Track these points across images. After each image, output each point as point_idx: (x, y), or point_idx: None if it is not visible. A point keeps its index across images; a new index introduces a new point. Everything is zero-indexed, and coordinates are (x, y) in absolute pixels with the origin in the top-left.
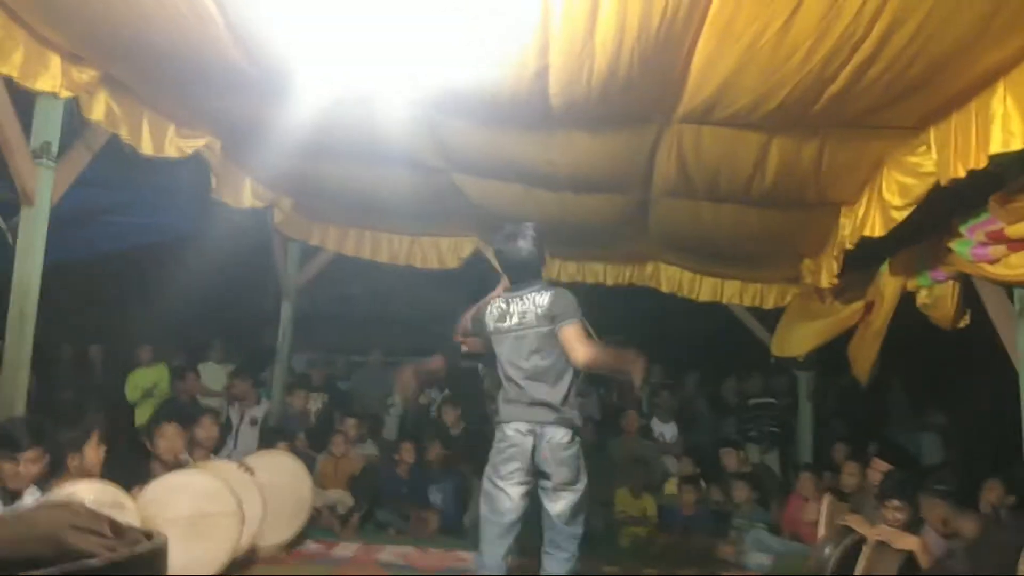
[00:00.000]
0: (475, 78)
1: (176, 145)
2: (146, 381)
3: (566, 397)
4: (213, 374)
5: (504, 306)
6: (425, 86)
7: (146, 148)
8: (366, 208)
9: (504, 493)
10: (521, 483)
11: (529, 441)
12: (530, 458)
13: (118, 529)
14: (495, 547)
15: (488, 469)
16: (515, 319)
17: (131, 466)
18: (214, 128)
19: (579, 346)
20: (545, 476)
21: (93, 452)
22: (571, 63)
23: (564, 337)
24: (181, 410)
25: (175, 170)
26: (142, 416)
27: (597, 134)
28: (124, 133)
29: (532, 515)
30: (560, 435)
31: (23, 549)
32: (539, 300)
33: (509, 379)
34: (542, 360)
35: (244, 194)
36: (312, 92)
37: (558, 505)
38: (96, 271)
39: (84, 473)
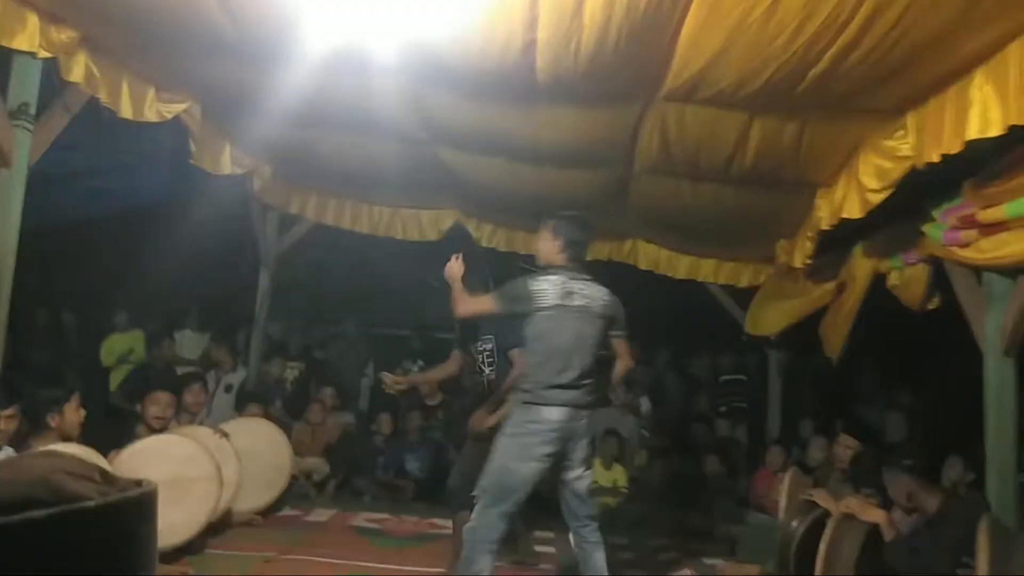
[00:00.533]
0: (462, 50)
1: (156, 109)
2: (122, 346)
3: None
4: (190, 341)
5: (567, 285)
6: (411, 56)
7: (125, 111)
8: (347, 177)
9: (529, 473)
10: (548, 464)
11: (572, 426)
12: (567, 441)
13: (108, 477)
14: (500, 523)
15: (510, 446)
16: (582, 301)
17: (107, 430)
18: (195, 92)
19: (627, 359)
20: (569, 457)
21: (73, 414)
22: (558, 38)
23: (618, 345)
24: (173, 378)
25: (154, 135)
26: (116, 381)
27: (582, 110)
28: (103, 96)
29: None
30: (588, 417)
31: (18, 492)
32: (601, 293)
33: (559, 358)
34: (596, 348)
35: (224, 160)
36: (296, 58)
37: (584, 483)
38: (72, 235)
39: (63, 434)
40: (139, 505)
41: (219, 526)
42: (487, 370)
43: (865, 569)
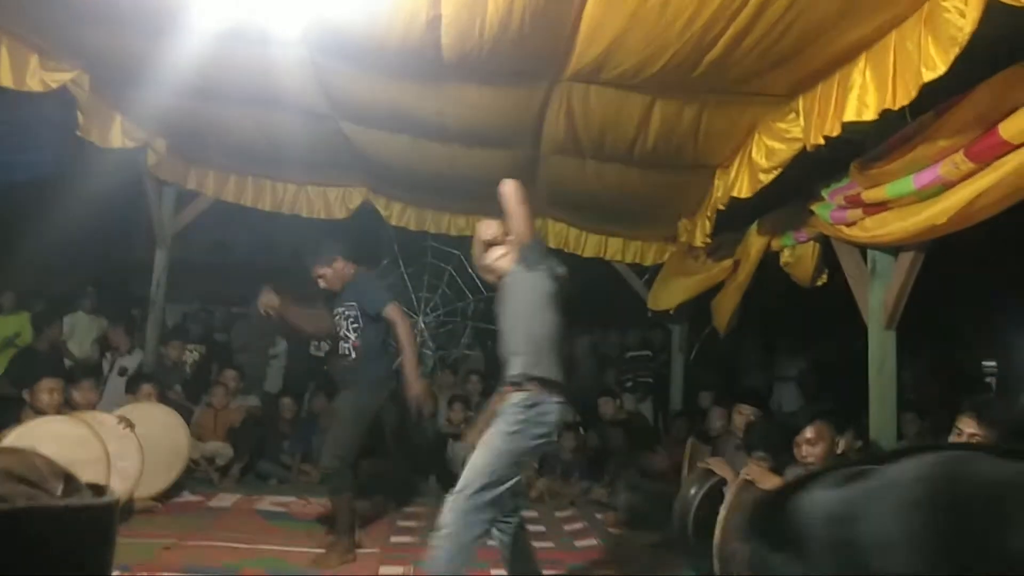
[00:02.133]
0: (364, 23)
1: (40, 78)
2: (7, 329)
3: None
4: (84, 324)
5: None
6: (312, 28)
7: (5, 80)
8: (248, 152)
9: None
10: None
11: None
12: None
13: (72, 487)
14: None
15: (516, 445)
16: (564, 276)
17: None
18: (83, 61)
19: None
20: None
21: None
22: (463, 15)
23: None
24: (60, 362)
25: (39, 105)
26: (1, 365)
27: (488, 88)
28: None
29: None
30: None
31: None
32: None
33: (556, 341)
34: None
35: (114, 133)
36: (191, 26)
37: None
38: None
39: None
40: (74, 518)
41: (121, 514)
42: (352, 336)
43: None
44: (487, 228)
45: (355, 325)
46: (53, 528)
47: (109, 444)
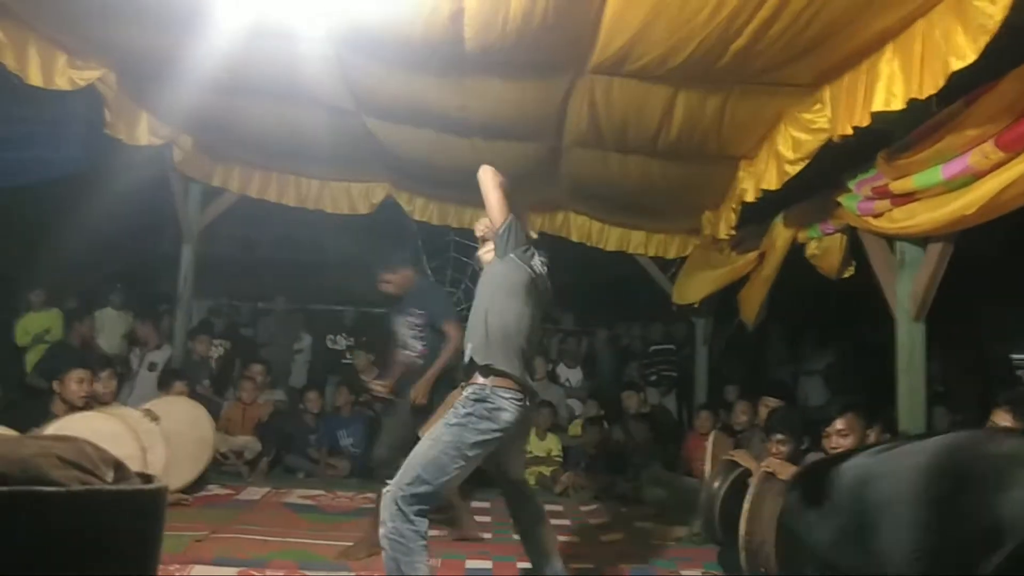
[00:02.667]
0: (388, 18)
1: (68, 76)
2: (37, 326)
3: None
4: (112, 320)
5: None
6: (337, 24)
7: (34, 79)
8: (273, 149)
9: (468, 470)
10: None
11: None
12: None
13: (123, 474)
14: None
15: (460, 437)
16: (543, 270)
17: (26, 409)
18: (110, 59)
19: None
20: None
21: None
22: (485, 7)
23: None
24: (85, 358)
25: (67, 103)
26: (32, 360)
27: (511, 81)
28: (10, 62)
29: None
30: None
31: None
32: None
33: (527, 337)
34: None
35: (140, 130)
36: (217, 23)
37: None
38: None
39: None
40: (127, 501)
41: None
42: (418, 345)
43: None
44: (479, 224)
45: (422, 334)
46: (107, 511)
47: (140, 438)
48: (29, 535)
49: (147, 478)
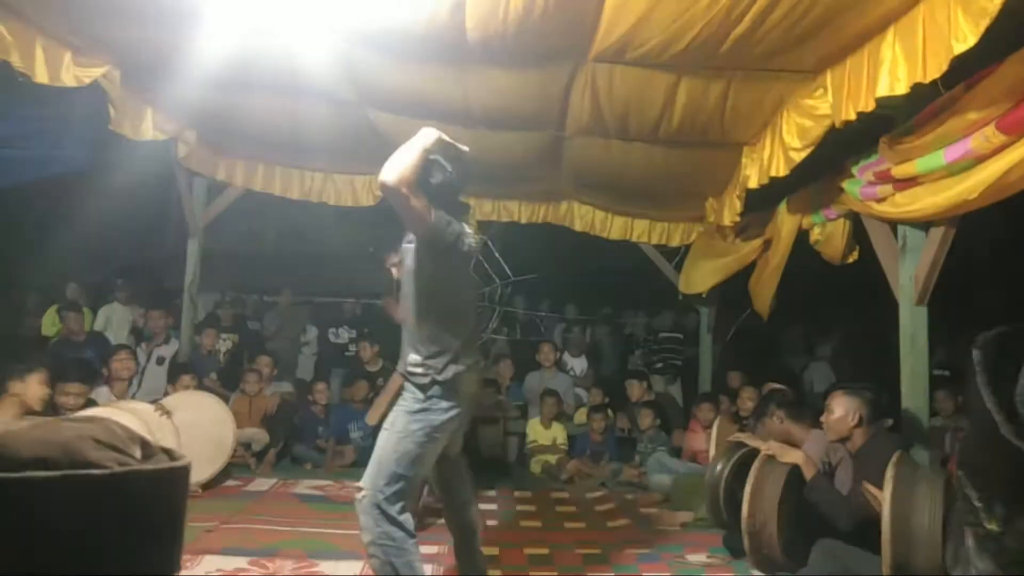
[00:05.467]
0: (390, 8)
1: (73, 73)
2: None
3: None
4: (119, 316)
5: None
6: (338, 16)
7: (41, 76)
8: (276, 142)
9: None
10: None
11: None
12: None
13: (149, 451)
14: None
15: (428, 422)
16: (474, 242)
17: None
18: (114, 56)
19: None
20: None
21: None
22: None
23: None
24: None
25: (72, 100)
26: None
27: (512, 71)
28: (16, 60)
29: None
30: None
31: (34, 451)
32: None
33: (467, 317)
34: None
35: (144, 126)
36: (220, 20)
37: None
38: None
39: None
40: (158, 479)
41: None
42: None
43: (789, 507)
44: None
45: None
46: (143, 488)
47: (152, 433)
48: (76, 517)
49: (170, 453)
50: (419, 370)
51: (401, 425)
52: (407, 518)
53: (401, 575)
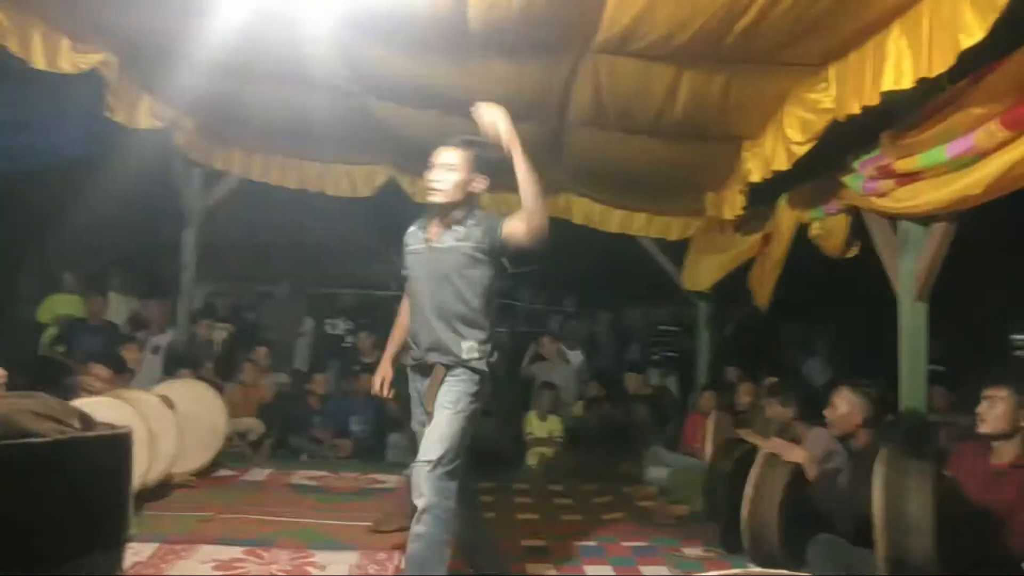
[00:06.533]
0: None
1: (71, 60)
2: (61, 308)
3: None
4: (116, 305)
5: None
6: (339, 3)
7: (38, 62)
8: (274, 131)
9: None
10: None
11: None
12: None
13: (89, 423)
14: None
15: (473, 401)
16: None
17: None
18: (112, 43)
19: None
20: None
21: None
22: None
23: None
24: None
25: (69, 88)
26: (49, 336)
27: (515, 61)
28: (13, 46)
29: None
30: None
31: None
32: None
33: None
34: None
35: (141, 113)
36: (219, 5)
37: None
38: None
39: None
40: (99, 446)
41: (156, 489)
42: None
43: (791, 507)
44: None
45: None
46: (85, 455)
47: (150, 423)
48: (22, 484)
49: (112, 426)
50: (476, 354)
51: (464, 404)
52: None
53: (444, 539)
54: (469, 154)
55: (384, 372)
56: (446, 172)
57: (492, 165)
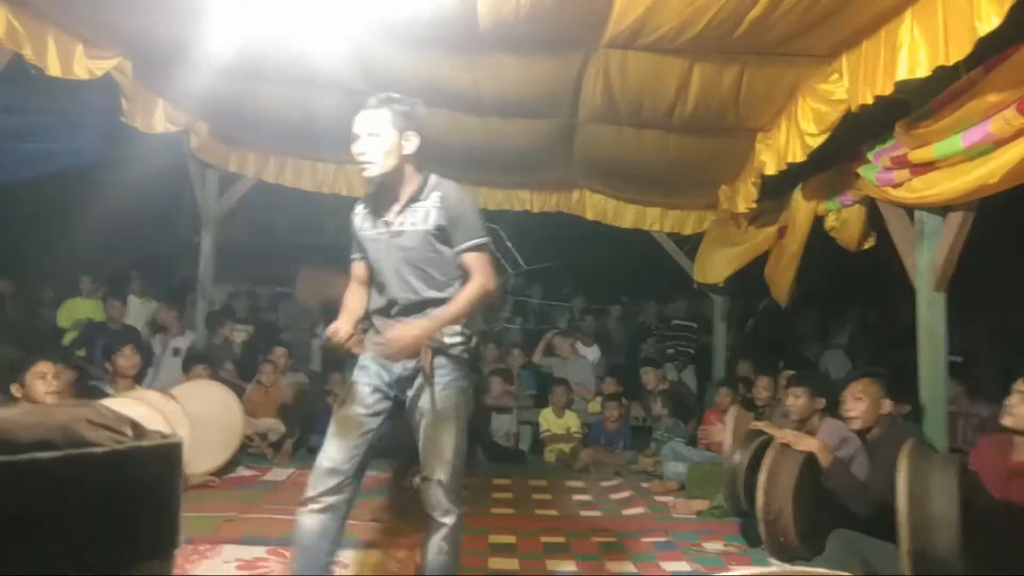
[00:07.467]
0: None
1: (85, 66)
2: (81, 312)
3: None
4: (136, 308)
5: None
6: (349, 4)
7: (53, 69)
8: (287, 132)
9: None
10: None
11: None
12: None
13: (139, 431)
14: None
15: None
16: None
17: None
18: (125, 47)
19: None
20: None
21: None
22: None
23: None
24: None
25: (84, 93)
26: (69, 338)
27: (524, 58)
28: (28, 53)
29: None
30: None
31: (35, 435)
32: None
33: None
34: None
35: (156, 118)
36: (231, 10)
37: None
38: (1, 199)
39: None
40: (151, 455)
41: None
42: None
43: (805, 496)
44: None
45: None
46: (139, 465)
47: (170, 422)
48: (77, 494)
49: (163, 434)
50: (458, 339)
51: (463, 409)
52: None
53: (458, 551)
54: (390, 113)
55: (344, 329)
56: (371, 140)
57: (419, 119)
